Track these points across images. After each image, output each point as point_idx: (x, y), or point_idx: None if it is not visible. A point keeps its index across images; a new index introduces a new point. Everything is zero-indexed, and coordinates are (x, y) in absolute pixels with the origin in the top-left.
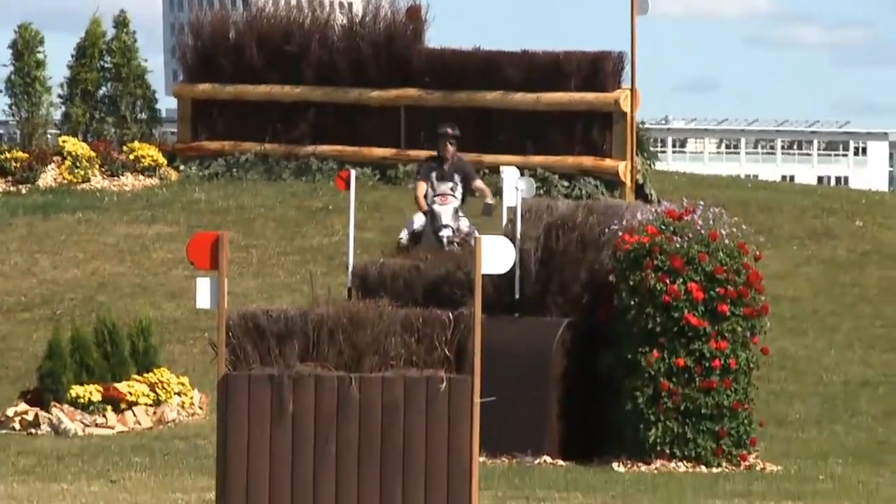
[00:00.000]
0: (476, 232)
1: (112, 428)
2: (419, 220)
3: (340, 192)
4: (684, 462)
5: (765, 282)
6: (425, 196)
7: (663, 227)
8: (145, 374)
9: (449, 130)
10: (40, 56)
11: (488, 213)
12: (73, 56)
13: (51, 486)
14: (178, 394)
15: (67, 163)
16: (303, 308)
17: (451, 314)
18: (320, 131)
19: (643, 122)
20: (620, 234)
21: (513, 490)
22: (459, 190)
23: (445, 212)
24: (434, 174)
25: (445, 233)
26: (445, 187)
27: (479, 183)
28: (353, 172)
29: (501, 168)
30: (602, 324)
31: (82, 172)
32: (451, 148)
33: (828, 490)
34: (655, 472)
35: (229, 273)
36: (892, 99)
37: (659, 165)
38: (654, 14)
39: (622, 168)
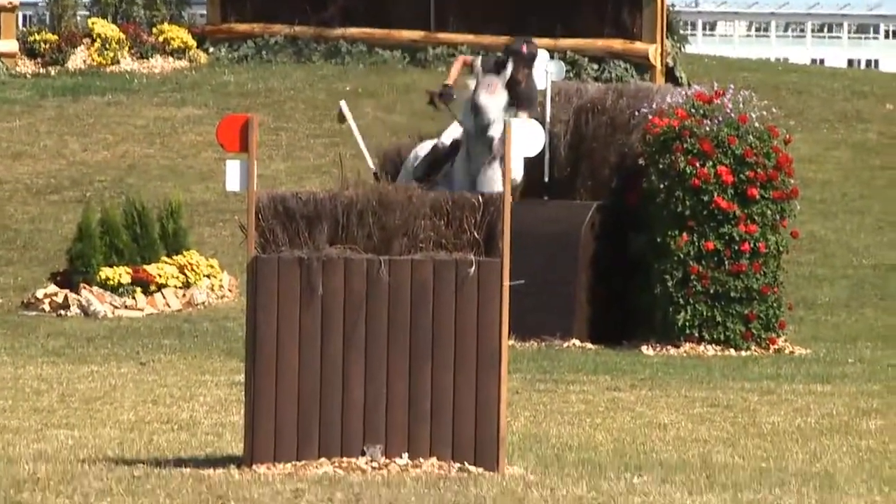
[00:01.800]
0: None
1: (141, 310)
2: (426, 148)
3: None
4: (713, 345)
5: (795, 165)
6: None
7: (693, 110)
8: (175, 257)
9: (524, 49)
10: None
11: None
12: None
13: (80, 367)
14: (208, 276)
15: (97, 44)
16: (332, 190)
17: (480, 197)
18: (350, 13)
19: (673, 5)
20: (650, 117)
21: (542, 373)
22: (512, 112)
23: (494, 105)
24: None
25: (495, 131)
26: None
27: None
28: (343, 104)
29: None
30: (632, 207)
31: (112, 54)
32: (526, 72)
33: (857, 373)
34: (684, 355)
35: (258, 156)
36: None
37: (689, 48)
38: None
39: (652, 51)
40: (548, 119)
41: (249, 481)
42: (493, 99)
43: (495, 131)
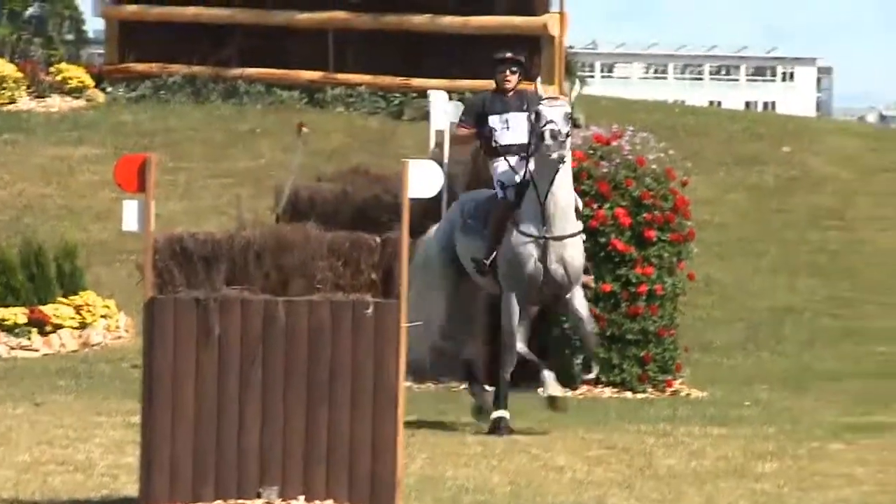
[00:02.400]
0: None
1: (37, 350)
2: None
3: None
4: (610, 387)
5: (692, 207)
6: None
7: (591, 151)
8: (71, 297)
9: (508, 55)
10: None
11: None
12: None
13: None
14: (104, 316)
15: None
16: (230, 231)
17: (377, 238)
18: (248, 54)
19: (571, 47)
20: None
21: (439, 415)
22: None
23: (555, 111)
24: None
25: (550, 126)
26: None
27: None
28: (305, 130)
29: (429, 92)
30: None
31: (9, 93)
32: (513, 77)
33: (752, 416)
34: (581, 397)
35: (156, 196)
36: (821, 25)
37: (587, 90)
38: None
39: (550, 92)
40: (446, 160)
41: None
42: (554, 109)
43: (551, 126)
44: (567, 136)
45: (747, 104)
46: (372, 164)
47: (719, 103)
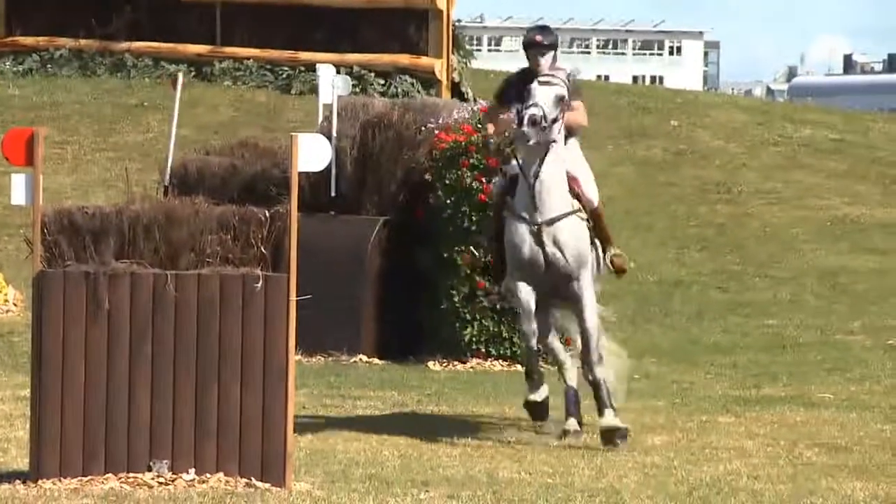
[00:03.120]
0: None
1: None
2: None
3: (161, 90)
4: (500, 361)
5: None
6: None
7: (479, 125)
8: None
9: (538, 38)
10: None
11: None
12: None
13: None
14: None
15: None
16: (118, 205)
17: (267, 212)
18: (135, 28)
19: (459, 20)
20: (437, 132)
21: (329, 388)
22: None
23: (544, 93)
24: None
25: (530, 110)
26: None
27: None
28: (180, 76)
29: (317, 66)
30: (419, 222)
31: None
32: (543, 62)
33: (642, 389)
34: (471, 370)
35: (44, 169)
36: None
37: (475, 64)
38: None
39: (438, 66)
40: (334, 134)
41: (35, 496)
42: (545, 89)
43: (532, 111)
44: (554, 120)
45: (635, 78)
46: (260, 137)
47: (607, 77)
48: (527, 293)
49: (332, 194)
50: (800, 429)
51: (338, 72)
